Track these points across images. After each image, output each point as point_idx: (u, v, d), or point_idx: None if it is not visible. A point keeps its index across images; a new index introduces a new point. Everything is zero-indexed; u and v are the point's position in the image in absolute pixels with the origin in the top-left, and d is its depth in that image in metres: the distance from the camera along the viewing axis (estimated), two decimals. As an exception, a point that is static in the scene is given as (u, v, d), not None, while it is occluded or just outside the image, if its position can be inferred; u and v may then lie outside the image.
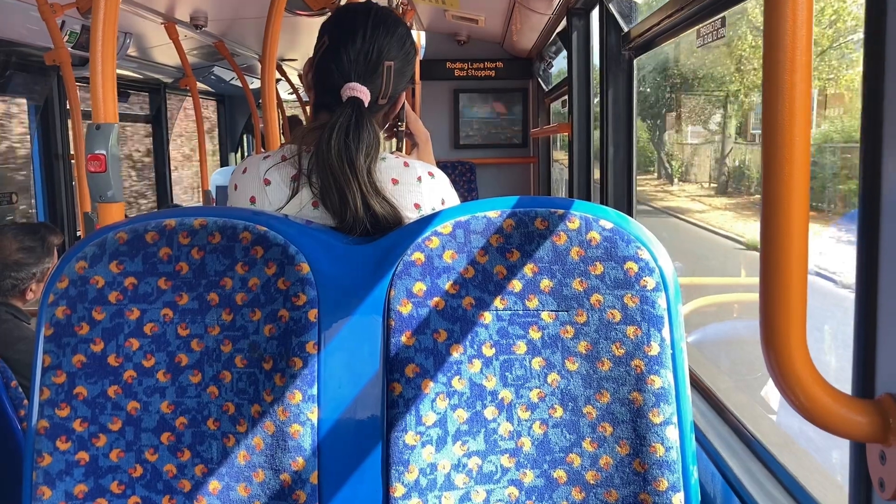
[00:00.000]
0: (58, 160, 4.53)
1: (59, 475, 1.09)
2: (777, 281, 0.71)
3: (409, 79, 1.45)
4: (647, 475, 1.08)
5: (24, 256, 2.44)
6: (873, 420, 0.72)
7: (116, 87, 1.25)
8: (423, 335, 1.09)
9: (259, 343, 1.10)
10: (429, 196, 1.38)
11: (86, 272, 1.10)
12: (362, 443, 1.09)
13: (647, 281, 1.08)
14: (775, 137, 0.69)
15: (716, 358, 3.14)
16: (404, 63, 1.40)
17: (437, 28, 5.89)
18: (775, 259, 0.70)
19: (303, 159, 1.31)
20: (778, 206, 0.70)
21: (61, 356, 1.09)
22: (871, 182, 0.74)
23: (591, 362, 1.09)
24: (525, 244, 1.10)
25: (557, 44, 4.64)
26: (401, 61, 1.39)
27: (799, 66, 0.68)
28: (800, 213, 0.69)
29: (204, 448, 1.10)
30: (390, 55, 1.36)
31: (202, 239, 1.11)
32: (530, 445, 1.10)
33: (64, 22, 3.64)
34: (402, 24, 1.41)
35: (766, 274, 0.71)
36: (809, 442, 1.42)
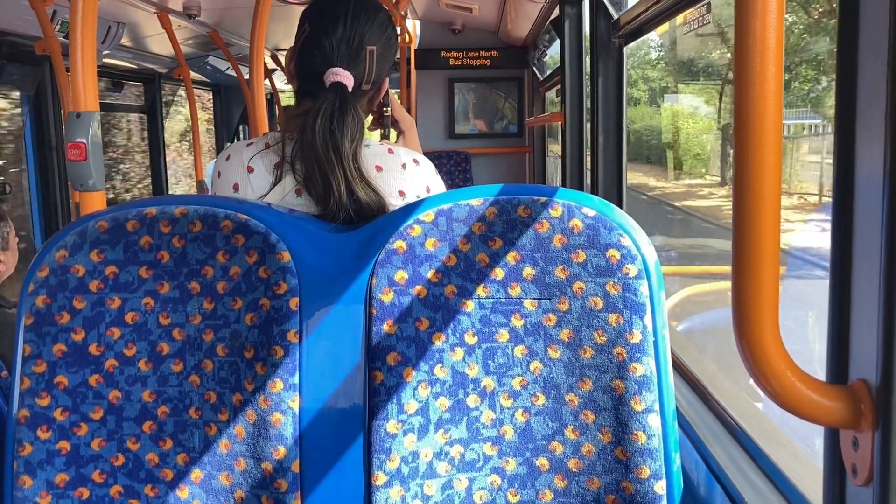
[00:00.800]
0: (51, 150, 4.52)
1: (40, 464, 1.09)
2: (749, 268, 0.71)
3: (391, 63, 1.44)
4: (630, 463, 1.08)
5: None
6: (846, 406, 0.72)
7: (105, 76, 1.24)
8: (405, 323, 1.09)
9: (240, 332, 1.10)
10: (413, 183, 1.38)
11: (66, 261, 1.10)
12: (344, 431, 1.09)
13: (629, 269, 1.08)
14: (747, 125, 0.69)
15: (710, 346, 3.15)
16: (386, 48, 1.40)
17: (431, 17, 5.87)
18: (747, 246, 0.70)
19: (286, 146, 1.31)
20: (749, 193, 0.70)
21: (41, 346, 1.09)
22: (845, 170, 0.74)
23: (574, 350, 1.09)
24: (507, 232, 1.09)
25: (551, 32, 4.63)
26: (382, 46, 1.39)
27: (770, 53, 0.68)
28: (771, 200, 0.69)
29: (186, 437, 1.10)
30: (372, 40, 1.36)
31: (183, 227, 1.11)
32: (513, 433, 1.10)
33: (55, 11, 3.62)
34: (383, 9, 1.41)
35: (738, 261, 0.71)
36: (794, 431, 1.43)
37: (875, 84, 0.70)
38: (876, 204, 0.70)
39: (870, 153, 0.71)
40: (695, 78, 10.85)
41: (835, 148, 0.75)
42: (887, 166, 0.68)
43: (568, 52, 2.94)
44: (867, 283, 0.71)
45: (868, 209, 0.71)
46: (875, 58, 0.70)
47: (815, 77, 7.26)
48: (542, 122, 5.14)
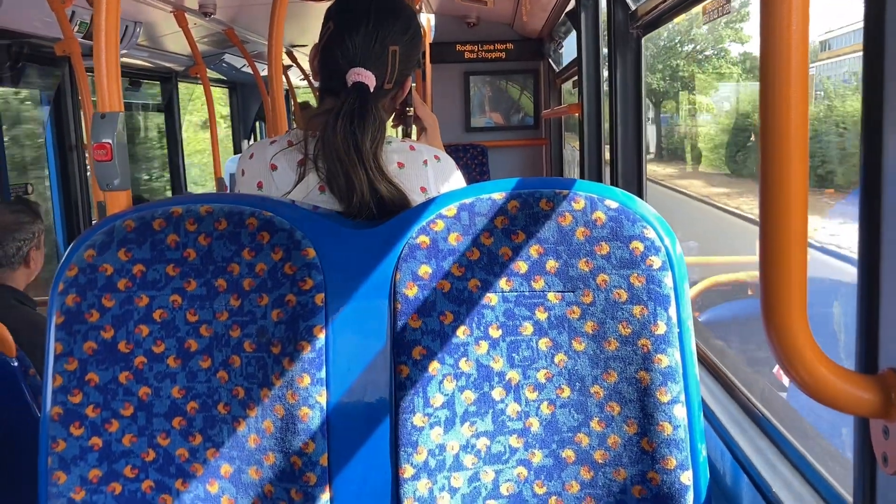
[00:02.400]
0: (71, 150, 4.55)
1: (74, 460, 1.11)
2: (777, 257, 0.71)
3: (415, 63, 1.44)
4: (656, 454, 1.08)
5: (19, 217, 2.48)
6: (876, 395, 0.72)
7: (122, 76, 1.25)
8: (430, 317, 1.09)
9: (267, 328, 1.11)
10: (435, 179, 1.38)
11: (94, 260, 1.12)
12: (371, 425, 1.10)
13: (653, 260, 1.08)
14: (773, 115, 0.69)
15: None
16: (409, 47, 1.40)
17: (446, 10, 5.86)
18: (775, 235, 0.70)
19: (308, 144, 1.32)
20: (777, 183, 0.69)
21: (72, 344, 1.11)
22: (872, 159, 0.74)
23: (598, 342, 1.09)
24: (530, 225, 1.10)
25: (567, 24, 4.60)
26: (406, 45, 1.38)
27: (796, 45, 0.67)
28: (799, 190, 0.69)
29: (215, 432, 1.12)
30: (395, 40, 1.36)
31: (209, 225, 1.12)
32: (538, 425, 1.11)
33: (74, 12, 3.65)
34: (407, 8, 1.41)
35: (766, 250, 0.71)
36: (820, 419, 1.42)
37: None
38: None
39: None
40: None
41: (861, 137, 0.75)
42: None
43: (585, 43, 2.93)
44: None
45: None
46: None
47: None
48: (559, 114, 5.13)
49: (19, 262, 2.46)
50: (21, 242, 2.45)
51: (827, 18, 6.49)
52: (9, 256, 2.43)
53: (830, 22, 6.36)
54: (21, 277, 2.49)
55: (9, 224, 2.44)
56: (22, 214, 2.49)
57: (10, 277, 2.45)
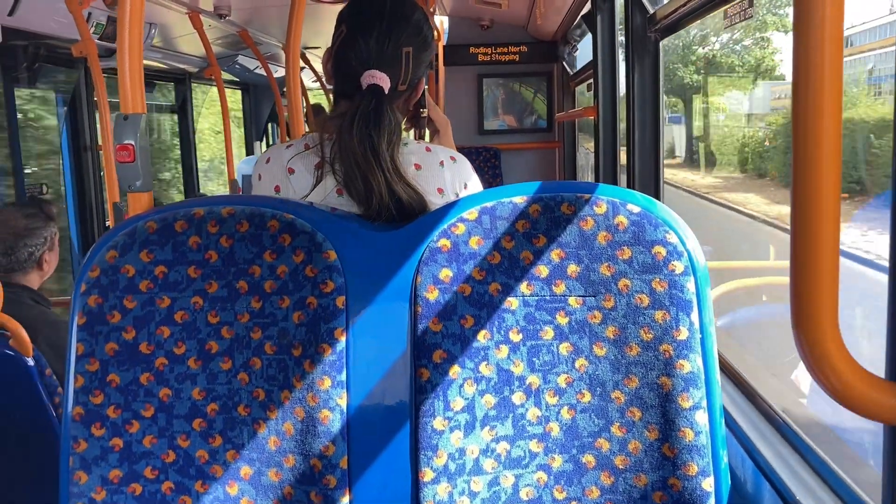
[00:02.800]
0: (86, 151, 4.58)
1: (95, 461, 1.11)
2: (808, 262, 0.70)
3: (427, 64, 1.44)
4: (677, 460, 1.08)
5: (31, 222, 2.48)
6: (907, 403, 0.71)
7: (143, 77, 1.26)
8: (450, 321, 1.09)
9: (288, 330, 1.11)
10: (451, 180, 1.38)
11: (116, 261, 1.12)
12: (391, 428, 1.10)
13: (675, 265, 1.07)
14: (806, 120, 0.68)
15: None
16: (422, 48, 1.40)
17: (460, 12, 5.86)
18: (806, 240, 0.70)
19: (325, 147, 1.32)
20: (809, 188, 0.69)
21: (94, 344, 1.11)
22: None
23: (620, 347, 1.09)
24: (551, 229, 1.09)
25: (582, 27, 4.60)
26: (418, 47, 1.39)
27: (829, 49, 0.67)
28: (831, 195, 0.68)
29: (235, 434, 1.12)
30: (408, 41, 1.36)
31: (230, 227, 1.12)
32: (559, 430, 1.11)
33: (90, 14, 3.68)
34: (419, 9, 1.41)
35: (797, 255, 0.70)
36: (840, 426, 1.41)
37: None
38: None
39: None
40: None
41: (894, 141, 0.74)
42: None
43: (601, 46, 2.92)
44: (929, 279, 0.70)
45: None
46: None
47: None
48: (574, 117, 5.12)
49: (32, 266, 2.47)
50: (33, 248, 2.46)
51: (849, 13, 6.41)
52: (21, 262, 2.45)
53: (852, 17, 6.24)
54: (35, 278, 2.51)
55: (20, 230, 2.45)
56: (34, 219, 2.50)
57: (23, 278, 2.47)
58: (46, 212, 2.59)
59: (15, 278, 2.45)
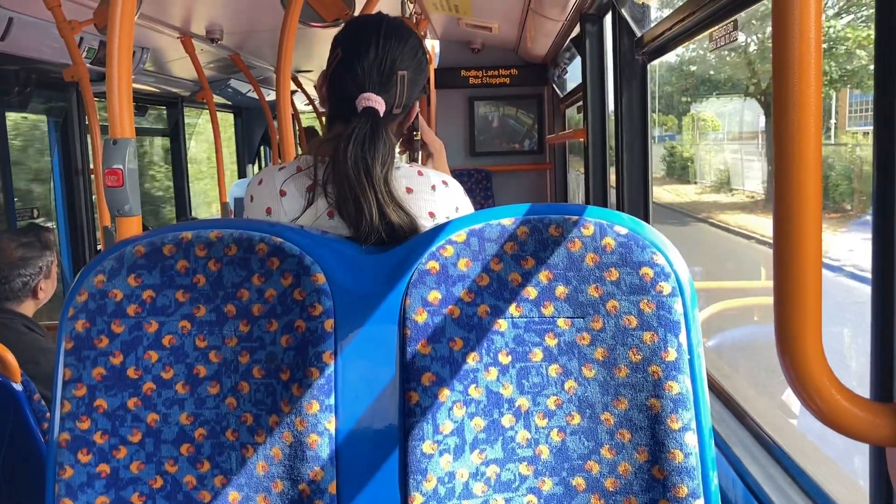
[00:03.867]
0: (77, 175, 4.58)
1: (81, 487, 1.10)
2: (792, 284, 0.70)
3: (421, 88, 1.46)
4: (667, 482, 1.07)
5: (26, 252, 2.47)
6: (892, 423, 0.71)
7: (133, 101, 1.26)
8: (439, 343, 1.09)
9: (276, 354, 1.10)
10: (443, 204, 1.39)
11: (104, 286, 1.12)
12: (380, 452, 1.09)
13: (662, 286, 1.08)
14: (787, 140, 0.69)
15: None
16: (417, 72, 1.41)
17: (451, 36, 5.91)
18: (789, 262, 0.70)
19: (318, 170, 1.32)
20: (791, 209, 0.69)
21: (81, 369, 1.10)
22: (885, 182, 0.74)
23: (608, 369, 1.09)
24: (539, 251, 1.10)
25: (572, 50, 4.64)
26: (413, 70, 1.40)
27: (808, 66, 0.68)
28: (813, 216, 0.69)
29: (223, 459, 1.11)
30: (403, 64, 1.38)
31: (218, 251, 1.12)
32: (548, 453, 1.10)
33: (82, 38, 3.69)
34: (414, 34, 1.43)
35: (781, 277, 0.71)
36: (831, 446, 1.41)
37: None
38: None
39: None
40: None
41: (874, 158, 0.75)
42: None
43: (590, 69, 2.95)
44: (911, 300, 0.71)
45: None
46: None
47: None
48: (564, 139, 5.14)
49: (26, 295, 2.47)
50: (27, 277, 2.45)
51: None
52: (14, 291, 2.44)
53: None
54: (29, 306, 2.50)
55: (15, 260, 2.45)
56: (30, 248, 2.49)
57: (17, 306, 2.46)
58: (43, 240, 2.58)
59: (8, 305, 2.44)
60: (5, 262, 2.43)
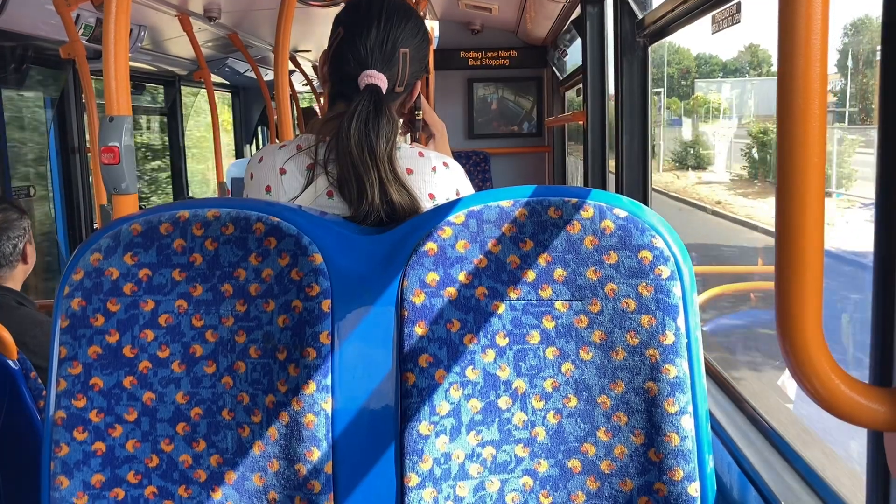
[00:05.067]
0: (74, 153, 4.55)
1: (77, 465, 1.10)
2: (793, 268, 0.70)
3: (423, 67, 1.45)
4: (663, 464, 1.08)
5: (6, 216, 2.48)
6: (890, 409, 0.71)
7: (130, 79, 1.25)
8: (437, 325, 1.09)
9: (273, 333, 1.10)
10: (443, 186, 1.38)
11: (100, 264, 1.11)
12: (376, 433, 1.09)
13: (661, 269, 1.07)
14: (790, 125, 0.68)
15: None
16: (419, 50, 1.41)
17: (450, 17, 5.87)
18: (791, 246, 0.70)
19: (319, 149, 1.32)
20: (793, 193, 0.69)
21: (77, 348, 1.10)
22: (889, 168, 0.73)
23: (606, 352, 1.09)
24: (538, 233, 1.09)
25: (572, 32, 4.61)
26: (415, 49, 1.40)
27: (814, 53, 0.67)
28: (815, 200, 0.68)
29: (219, 438, 1.11)
30: (405, 43, 1.37)
31: (216, 230, 1.12)
32: (545, 435, 1.10)
33: (79, 15, 3.66)
34: (415, 12, 1.42)
35: (782, 261, 0.70)
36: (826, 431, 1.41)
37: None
38: None
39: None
40: None
41: (878, 146, 0.74)
42: None
43: (590, 51, 2.93)
44: (912, 285, 0.70)
45: (912, 209, 0.71)
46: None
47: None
48: (563, 122, 5.13)
49: (17, 260, 2.47)
50: (16, 240, 2.46)
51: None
52: (6, 256, 2.44)
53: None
54: (19, 275, 2.50)
55: (0, 224, 2.45)
56: (9, 212, 2.50)
57: (9, 277, 2.46)
58: (17, 205, 2.60)
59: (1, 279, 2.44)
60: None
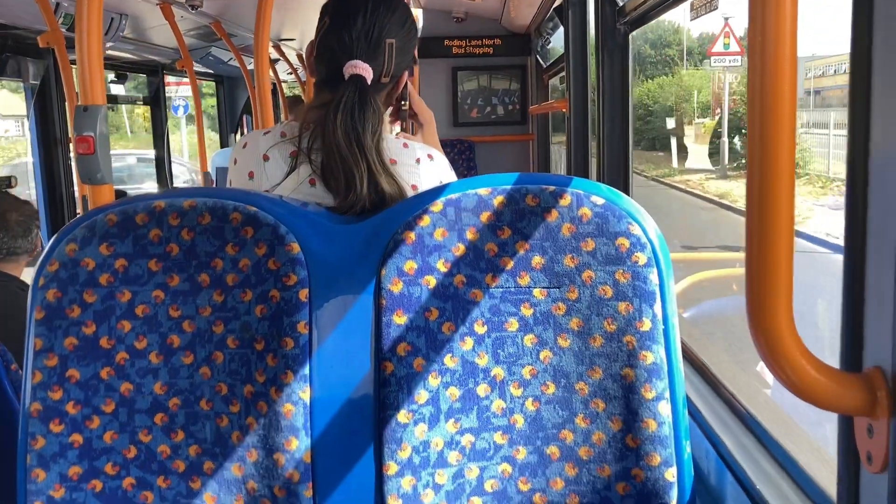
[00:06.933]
0: (56, 143, 4.51)
1: (53, 457, 1.09)
2: (764, 255, 0.70)
3: (411, 57, 1.44)
4: (640, 450, 1.08)
5: (26, 208, 2.55)
6: (861, 394, 0.72)
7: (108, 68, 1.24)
8: (415, 314, 1.09)
9: (251, 323, 1.10)
10: (427, 178, 1.38)
11: (76, 255, 1.10)
12: (355, 422, 1.09)
13: (638, 256, 1.08)
14: (761, 112, 0.68)
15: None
16: (406, 41, 1.40)
17: (434, 5, 5.84)
18: (761, 232, 0.70)
19: (303, 137, 1.31)
20: (764, 179, 0.69)
21: (53, 339, 1.09)
22: (859, 154, 0.74)
23: (584, 339, 1.09)
24: (516, 221, 1.09)
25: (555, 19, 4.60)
26: (402, 39, 1.39)
27: (784, 40, 0.67)
28: (786, 188, 0.69)
29: (197, 428, 1.11)
30: (392, 33, 1.36)
31: (192, 220, 1.11)
32: (523, 422, 1.11)
33: (58, 4, 3.62)
34: (403, 2, 1.41)
35: (753, 247, 0.71)
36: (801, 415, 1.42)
37: (890, 68, 0.69)
38: (890, 188, 0.69)
39: (884, 137, 0.71)
40: None
41: (849, 133, 0.75)
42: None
43: (572, 39, 2.92)
44: (882, 269, 0.71)
45: (882, 194, 0.71)
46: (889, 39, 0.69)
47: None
48: (547, 109, 5.12)
49: (32, 249, 2.50)
50: (36, 229, 2.51)
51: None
52: (24, 246, 2.47)
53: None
54: (24, 261, 2.52)
55: (31, 215, 2.51)
56: (26, 206, 2.55)
57: (15, 266, 2.47)
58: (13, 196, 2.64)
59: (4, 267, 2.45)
60: (20, 213, 2.48)
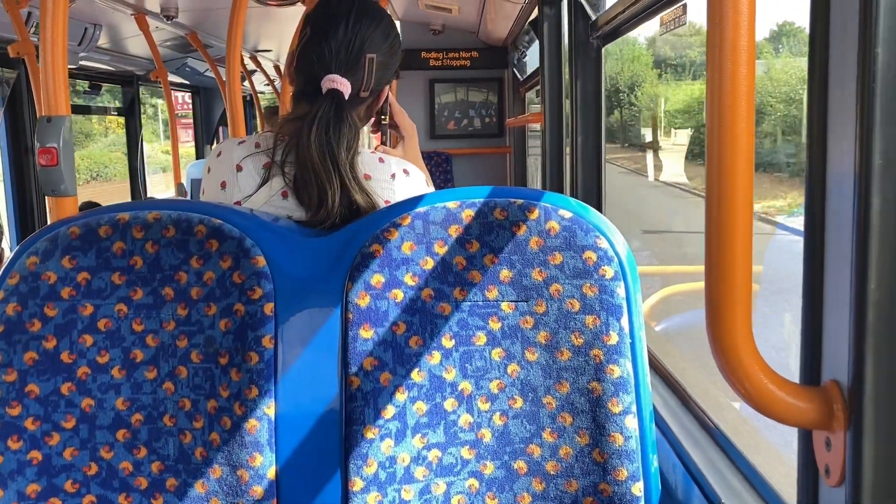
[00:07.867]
0: (27, 152, 4.47)
1: (11, 475, 1.07)
2: (722, 268, 0.71)
3: (393, 72, 1.42)
4: (607, 465, 1.08)
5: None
6: (819, 407, 0.72)
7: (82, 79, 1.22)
8: (382, 328, 1.08)
9: (215, 338, 1.08)
10: (402, 193, 1.36)
11: (37, 268, 1.09)
12: (320, 437, 1.08)
13: (605, 270, 1.08)
14: (719, 127, 0.69)
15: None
16: (388, 56, 1.37)
17: (411, 17, 5.86)
18: (720, 246, 0.70)
19: (277, 149, 1.29)
20: (722, 193, 0.70)
21: (12, 354, 1.08)
22: (817, 170, 0.74)
23: (551, 352, 1.09)
24: (484, 235, 1.09)
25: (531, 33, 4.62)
26: (384, 54, 1.36)
27: (742, 53, 0.68)
28: (744, 201, 0.69)
29: (160, 445, 1.09)
30: (373, 47, 1.34)
31: (156, 232, 1.10)
32: (490, 437, 1.10)
33: (30, 14, 3.59)
34: (388, 16, 1.38)
35: (711, 261, 0.71)
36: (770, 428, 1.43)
37: (846, 83, 0.70)
38: (847, 204, 0.70)
39: (841, 153, 0.71)
40: None
41: (807, 148, 0.75)
42: (858, 166, 0.68)
43: (547, 52, 2.94)
44: (839, 285, 0.71)
45: (839, 209, 0.72)
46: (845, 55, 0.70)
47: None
48: (523, 122, 5.15)
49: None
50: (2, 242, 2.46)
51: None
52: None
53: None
54: None
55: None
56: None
57: None
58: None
59: None
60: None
